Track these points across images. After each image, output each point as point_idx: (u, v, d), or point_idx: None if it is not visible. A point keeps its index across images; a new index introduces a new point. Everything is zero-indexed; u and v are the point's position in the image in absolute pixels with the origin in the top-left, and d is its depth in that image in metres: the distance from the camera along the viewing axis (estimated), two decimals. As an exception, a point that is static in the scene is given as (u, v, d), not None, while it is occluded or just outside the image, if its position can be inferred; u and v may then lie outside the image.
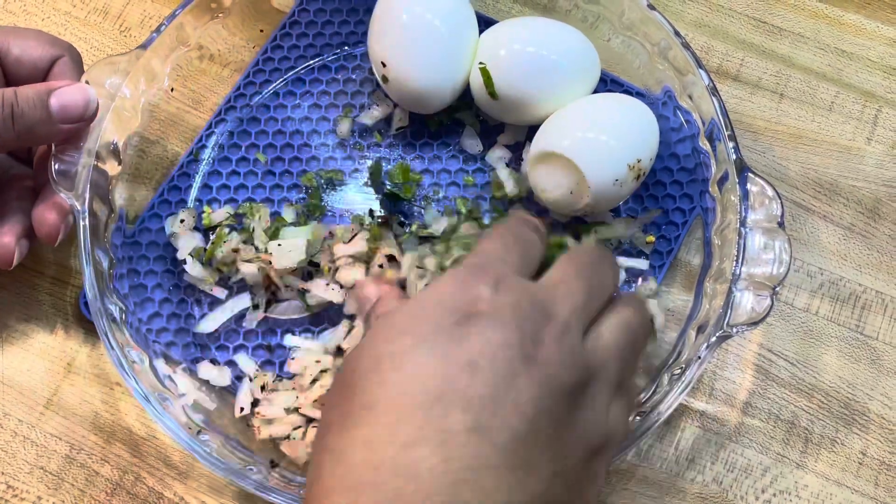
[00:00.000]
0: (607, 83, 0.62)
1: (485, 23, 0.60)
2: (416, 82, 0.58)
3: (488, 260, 0.41)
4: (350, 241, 0.56)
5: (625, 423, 0.42)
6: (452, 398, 0.35)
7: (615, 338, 0.41)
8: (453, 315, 0.37)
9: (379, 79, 0.60)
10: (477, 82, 0.58)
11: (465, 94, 0.60)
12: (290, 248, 0.56)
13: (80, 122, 0.53)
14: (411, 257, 0.52)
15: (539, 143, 0.56)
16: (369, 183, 0.61)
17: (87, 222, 0.52)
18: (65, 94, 0.52)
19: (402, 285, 0.50)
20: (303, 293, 0.56)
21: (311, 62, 0.64)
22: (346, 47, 0.65)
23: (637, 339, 0.43)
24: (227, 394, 0.55)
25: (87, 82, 0.54)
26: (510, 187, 0.59)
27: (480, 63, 0.57)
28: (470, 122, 0.62)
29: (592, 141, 0.55)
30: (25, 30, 0.56)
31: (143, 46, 0.57)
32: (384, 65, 0.58)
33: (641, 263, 0.58)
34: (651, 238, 0.58)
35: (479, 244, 0.43)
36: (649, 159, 0.56)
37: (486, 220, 0.58)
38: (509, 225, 0.44)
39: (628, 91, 0.62)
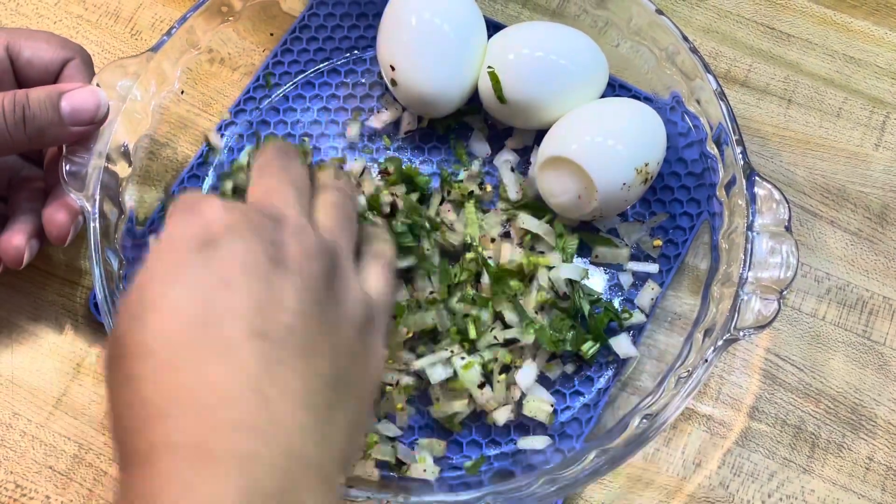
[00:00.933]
0: (615, 88, 0.62)
1: (493, 27, 0.61)
2: (425, 86, 0.58)
3: (197, 195, 0.41)
4: None
5: (382, 286, 0.44)
6: (219, 315, 0.36)
7: (331, 217, 0.44)
8: (189, 244, 0.38)
9: (388, 82, 0.60)
10: (485, 86, 0.58)
11: (474, 98, 0.60)
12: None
13: (91, 125, 0.53)
14: None
15: (547, 148, 0.56)
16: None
17: (97, 223, 0.53)
18: (76, 97, 0.52)
19: None
20: None
21: (321, 66, 0.65)
22: (356, 51, 0.65)
23: (347, 208, 0.46)
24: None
25: (97, 85, 0.54)
26: (513, 193, 0.59)
27: (489, 67, 0.58)
28: (478, 127, 0.62)
29: (600, 145, 0.55)
30: (37, 32, 0.56)
31: (154, 49, 0.57)
32: (393, 68, 0.58)
33: (651, 267, 0.58)
34: (658, 242, 0.58)
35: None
36: (657, 163, 0.56)
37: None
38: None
39: (636, 96, 0.62)
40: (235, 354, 0.35)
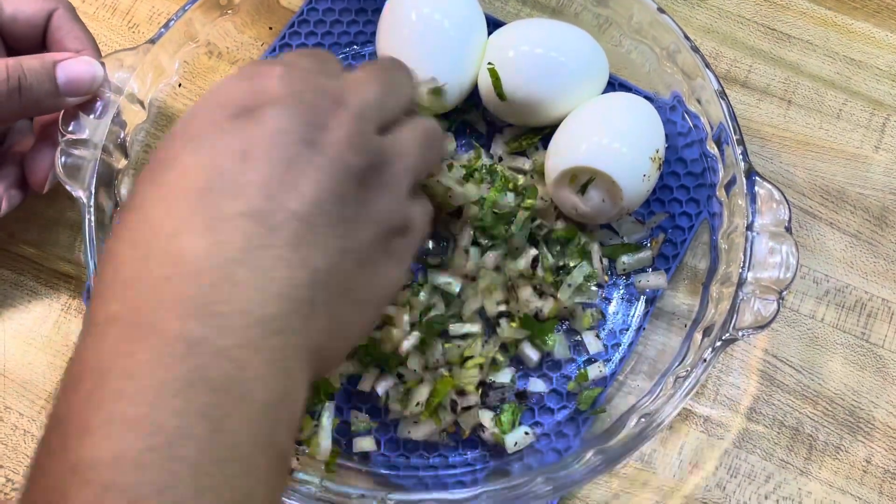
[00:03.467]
0: (616, 87, 0.62)
1: (493, 24, 0.60)
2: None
3: (278, 61, 0.39)
4: None
5: (424, 217, 0.42)
6: (222, 187, 0.34)
7: (412, 135, 0.41)
8: (230, 109, 0.36)
9: None
10: (485, 83, 0.58)
11: (473, 95, 0.60)
12: None
13: (86, 96, 0.53)
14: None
15: (559, 161, 0.55)
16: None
17: (92, 215, 0.52)
18: (71, 68, 0.52)
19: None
20: None
21: (320, 61, 0.64)
22: (355, 46, 0.65)
23: (435, 140, 0.43)
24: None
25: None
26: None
27: (489, 63, 0.57)
28: (477, 124, 0.62)
29: (615, 145, 0.54)
30: None
31: (152, 41, 0.57)
32: None
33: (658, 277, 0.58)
34: (657, 242, 0.58)
35: None
36: (664, 147, 0.56)
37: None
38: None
39: (637, 94, 0.61)
40: (220, 229, 0.34)
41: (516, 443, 0.53)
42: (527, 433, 0.53)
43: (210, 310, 0.32)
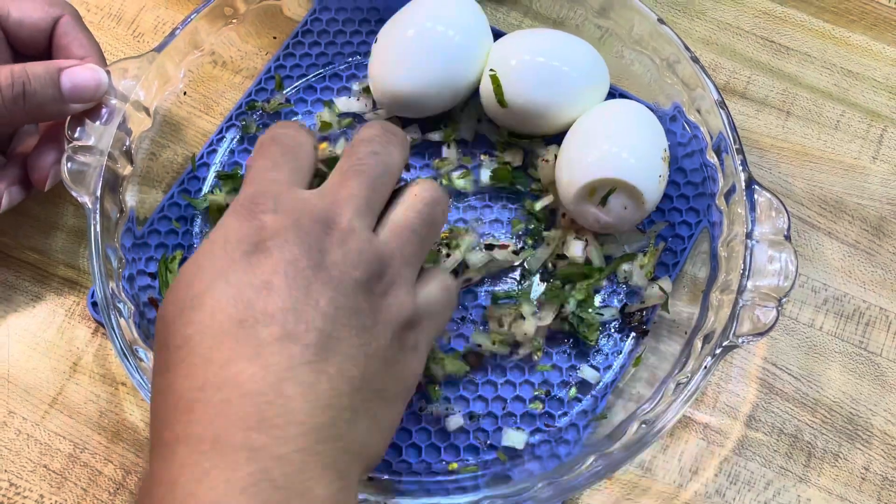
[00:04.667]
0: (616, 97, 0.63)
1: (495, 35, 0.61)
2: (404, 87, 0.58)
3: (261, 185, 0.43)
4: None
5: (439, 293, 0.45)
6: (255, 317, 0.38)
7: (407, 220, 0.44)
8: (241, 246, 0.40)
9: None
10: (487, 91, 0.58)
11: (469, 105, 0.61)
12: None
13: (90, 103, 0.54)
14: None
15: (577, 175, 0.55)
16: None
17: (97, 221, 0.53)
18: (76, 75, 0.53)
19: None
20: None
21: (323, 71, 0.65)
22: (358, 56, 0.65)
23: (432, 214, 0.45)
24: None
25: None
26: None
27: (491, 70, 0.58)
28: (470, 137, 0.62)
29: (631, 151, 0.55)
30: None
31: (158, 49, 0.57)
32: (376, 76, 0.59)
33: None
34: (657, 251, 0.59)
35: (249, 164, 0.45)
36: (668, 144, 0.57)
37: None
38: (272, 134, 0.46)
39: (637, 105, 0.62)
40: (263, 354, 0.37)
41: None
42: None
43: (268, 423, 0.36)
